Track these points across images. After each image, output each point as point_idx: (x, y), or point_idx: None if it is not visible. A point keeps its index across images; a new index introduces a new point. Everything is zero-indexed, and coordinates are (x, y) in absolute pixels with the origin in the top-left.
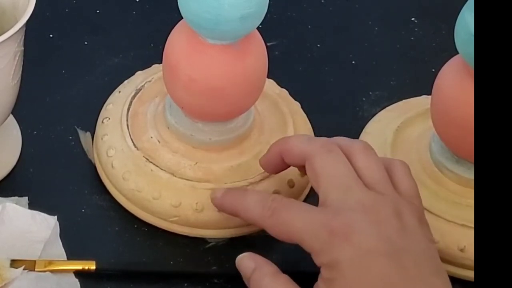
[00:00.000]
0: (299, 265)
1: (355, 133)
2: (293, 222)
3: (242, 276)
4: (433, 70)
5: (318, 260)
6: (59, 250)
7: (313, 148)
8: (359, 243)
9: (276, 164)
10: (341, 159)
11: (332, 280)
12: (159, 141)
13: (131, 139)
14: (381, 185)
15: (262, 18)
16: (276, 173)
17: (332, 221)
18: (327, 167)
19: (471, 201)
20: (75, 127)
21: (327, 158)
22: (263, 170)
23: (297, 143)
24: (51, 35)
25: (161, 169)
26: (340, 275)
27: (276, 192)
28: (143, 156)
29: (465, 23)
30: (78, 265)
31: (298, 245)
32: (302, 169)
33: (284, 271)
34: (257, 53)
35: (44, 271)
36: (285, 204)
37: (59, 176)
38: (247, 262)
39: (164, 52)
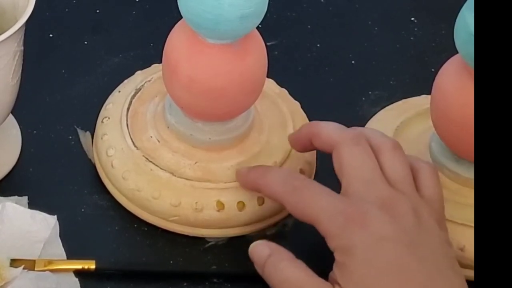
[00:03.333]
0: None
1: None
2: (313, 203)
3: (255, 264)
4: (433, 70)
5: (332, 243)
6: (59, 250)
7: (342, 139)
8: (375, 230)
9: (303, 144)
10: (368, 154)
11: (346, 264)
12: (158, 141)
13: (131, 139)
14: (403, 185)
15: (262, 17)
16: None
17: (350, 209)
18: (353, 159)
19: (471, 200)
20: (75, 127)
21: (354, 151)
22: None
23: (328, 130)
24: (51, 35)
25: (161, 169)
26: (354, 259)
27: None
28: (143, 156)
29: (465, 23)
30: (78, 265)
31: (297, 244)
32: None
33: None
34: (257, 53)
35: (44, 271)
36: (308, 184)
37: (59, 176)
38: (262, 249)
39: (164, 52)
